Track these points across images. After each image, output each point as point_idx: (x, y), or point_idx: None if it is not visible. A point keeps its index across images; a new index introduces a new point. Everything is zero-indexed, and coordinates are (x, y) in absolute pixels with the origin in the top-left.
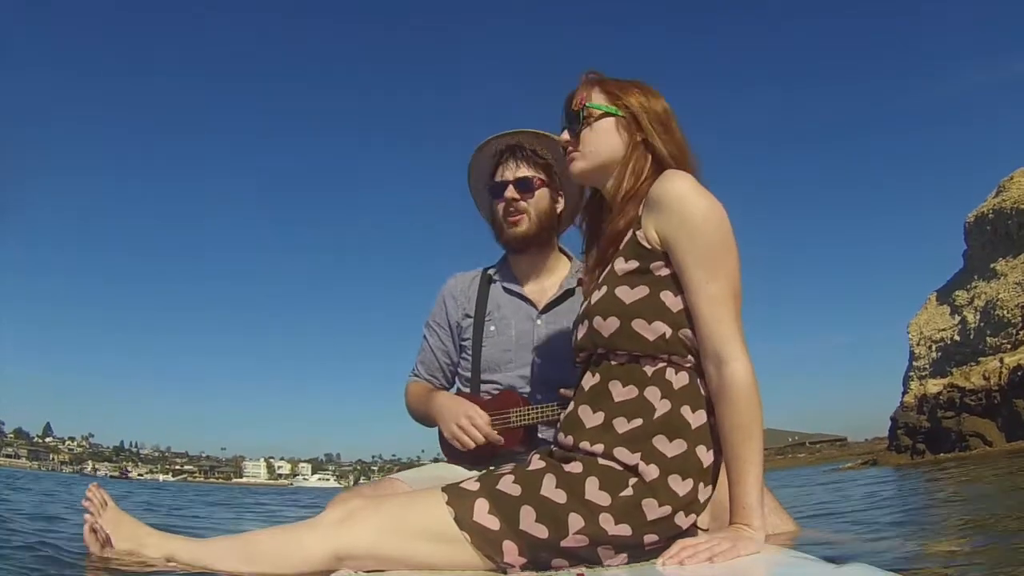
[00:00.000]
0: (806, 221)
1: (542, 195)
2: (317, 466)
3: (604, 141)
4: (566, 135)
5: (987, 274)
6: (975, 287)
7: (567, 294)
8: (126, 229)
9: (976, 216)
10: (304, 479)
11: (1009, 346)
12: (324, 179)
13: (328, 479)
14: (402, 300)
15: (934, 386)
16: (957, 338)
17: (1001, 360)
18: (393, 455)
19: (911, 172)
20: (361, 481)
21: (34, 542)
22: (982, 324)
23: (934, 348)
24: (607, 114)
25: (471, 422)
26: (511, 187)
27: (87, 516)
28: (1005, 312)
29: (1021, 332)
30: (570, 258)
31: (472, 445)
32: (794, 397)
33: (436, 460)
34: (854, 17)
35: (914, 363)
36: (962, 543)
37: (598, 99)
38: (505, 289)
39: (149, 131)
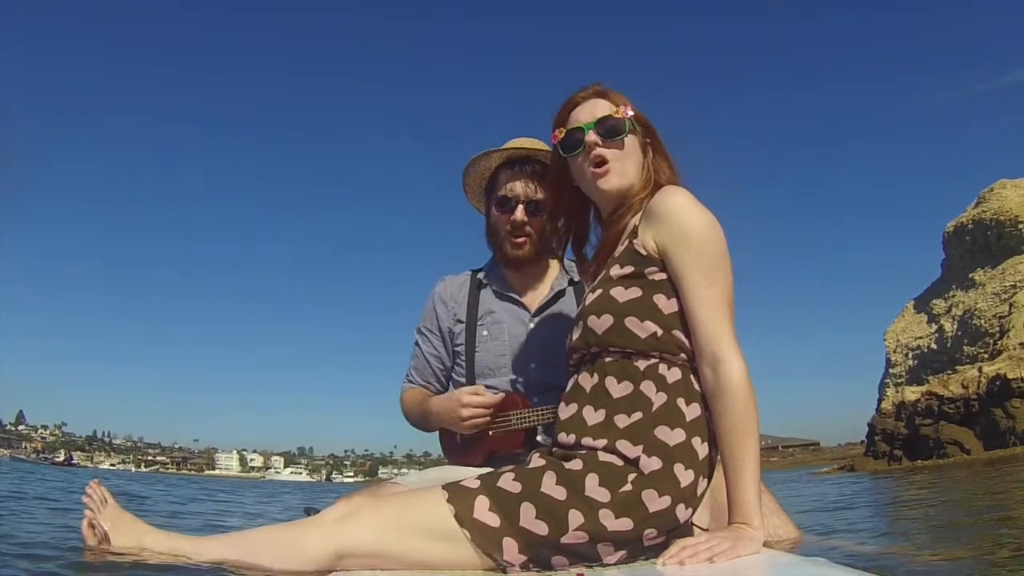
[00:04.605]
0: (782, 225)
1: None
2: (290, 460)
3: (633, 156)
4: (604, 149)
5: (965, 283)
6: (953, 296)
7: (558, 295)
8: (103, 218)
9: (955, 226)
10: (276, 472)
11: (986, 355)
12: (309, 173)
13: (301, 473)
14: (379, 297)
15: (912, 393)
16: (934, 346)
17: (980, 369)
18: (366, 450)
19: (890, 180)
20: (334, 476)
21: (30, 536)
22: (959, 333)
23: (910, 356)
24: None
25: (469, 404)
26: (521, 208)
27: (87, 512)
28: (983, 322)
29: (999, 342)
30: (560, 259)
31: (488, 418)
32: (766, 400)
33: (409, 456)
34: (836, 18)
35: (890, 370)
36: (966, 550)
37: (630, 111)
38: (496, 293)
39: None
